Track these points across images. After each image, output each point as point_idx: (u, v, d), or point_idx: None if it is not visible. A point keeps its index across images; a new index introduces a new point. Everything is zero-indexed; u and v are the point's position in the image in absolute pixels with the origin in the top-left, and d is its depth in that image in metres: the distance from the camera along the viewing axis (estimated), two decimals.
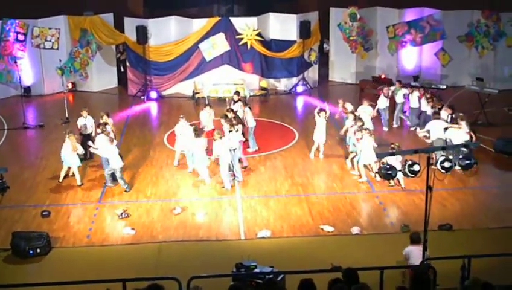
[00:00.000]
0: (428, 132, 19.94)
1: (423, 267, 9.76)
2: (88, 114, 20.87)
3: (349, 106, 21.80)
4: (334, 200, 18.02)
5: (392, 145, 17.71)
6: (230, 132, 19.24)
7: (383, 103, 23.24)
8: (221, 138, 18.59)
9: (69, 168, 19.08)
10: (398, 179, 18.00)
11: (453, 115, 20.67)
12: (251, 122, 21.44)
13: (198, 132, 19.17)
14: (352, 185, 18.91)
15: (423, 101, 22.79)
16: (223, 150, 18.49)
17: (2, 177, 12.77)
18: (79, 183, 18.95)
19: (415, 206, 17.07)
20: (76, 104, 26.90)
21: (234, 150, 19.04)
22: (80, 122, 20.75)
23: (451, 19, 28.28)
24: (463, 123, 19.31)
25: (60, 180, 19.11)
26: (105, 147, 18.57)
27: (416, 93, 23.26)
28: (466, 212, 17.17)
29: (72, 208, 17.81)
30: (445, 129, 19.56)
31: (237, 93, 23.77)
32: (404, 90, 23.60)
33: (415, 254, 12.67)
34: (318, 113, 20.71)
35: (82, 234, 16.28)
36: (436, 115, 20.47)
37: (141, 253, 15.33)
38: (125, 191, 18.61)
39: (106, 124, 19.87)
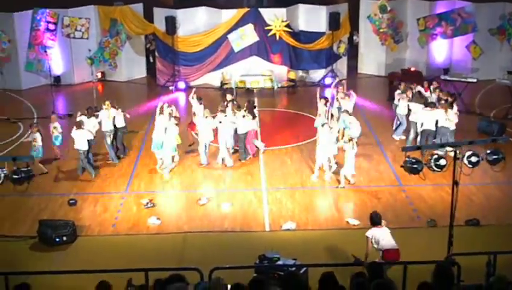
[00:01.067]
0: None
1: (447, 262, 9.65)
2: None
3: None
4: (360, 193, 17.92)
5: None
6: (243, 116, 19.72)
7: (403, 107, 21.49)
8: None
9: None
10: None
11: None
12: (242, 128, 20.04)
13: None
14: (379, 179, 18.80)
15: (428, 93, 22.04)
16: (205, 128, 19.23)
17: (28, 166, 12.86)
18: None
19: (442, 200, 16.86)
20: (105, 94, 27.04)
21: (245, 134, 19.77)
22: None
23: (483, 11, 27.86)
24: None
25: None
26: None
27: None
28: (494, 208, 16.98)
29: (99, 197, 17.92)
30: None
31: (230, 92, 23.39)
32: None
33: (379, 235, 12.73)
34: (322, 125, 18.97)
35: (108, 223, 16.41)
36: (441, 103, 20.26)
37: (166, 243, 15.40)
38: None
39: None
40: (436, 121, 19.79)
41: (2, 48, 27.57)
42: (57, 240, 15.18)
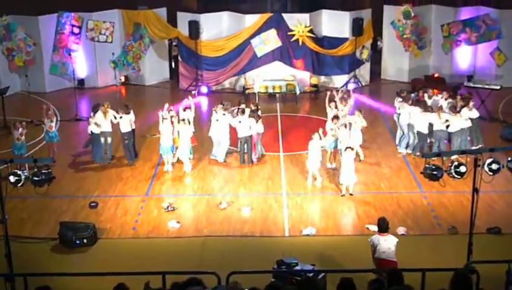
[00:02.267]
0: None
1: (466, 270, 9.57)
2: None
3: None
4: (381, 199, 17.86)
5: None
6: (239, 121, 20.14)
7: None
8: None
9: None
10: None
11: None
12: (241, 132, 20.31)
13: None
14: (400, 185, 18.72)
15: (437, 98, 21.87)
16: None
17: (49, 168, 12.95)
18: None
19: (463, 207, 16.71)
20: (129, 97, 27.19)
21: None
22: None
23: (508, 18, 27.62)
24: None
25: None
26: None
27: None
28: None
29: (120, 200, 18.04)
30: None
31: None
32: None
33: (378, 242, 12.59)
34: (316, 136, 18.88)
35: (128, 226, 16.51)
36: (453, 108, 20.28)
37: (185, 247, 15.45)
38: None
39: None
40: (432, 125, 20.02)
41: (27, 50, 27.81)
42: (77, 242, 15.29)
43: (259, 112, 20.99)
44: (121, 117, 20.05)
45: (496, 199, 17.45)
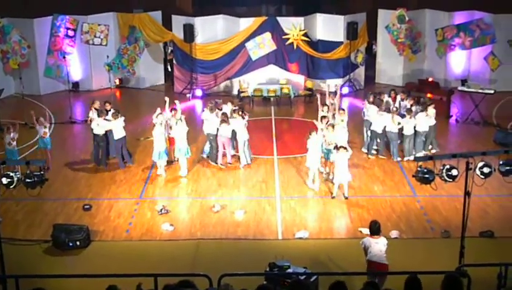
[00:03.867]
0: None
1: (457, 273, 9.59)
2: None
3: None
4: (374, 202, 17.88)
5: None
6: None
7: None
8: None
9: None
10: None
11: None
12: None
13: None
14: (394, 188, 18.75)
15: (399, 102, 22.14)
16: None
17: (41, 170, 12.96)
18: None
19: (456, 211, 16.67)
20: (123, 100, 27.21)
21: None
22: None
23: (502, 22, 27.73)
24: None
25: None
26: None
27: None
28: (509, 220, 16.82)
29: (114, 203, 18.03)
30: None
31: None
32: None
33: (369, 244, 12.59)
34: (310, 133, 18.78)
35: (122, 229, 16.50)
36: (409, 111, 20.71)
37: (179, 249, 15.46)
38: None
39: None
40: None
41: (22, 53, 27.82)
42: (70, 244, 15.29)
43: (245, 116, 20.66)
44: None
45: (490, 203, 17.48)
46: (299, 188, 18.82)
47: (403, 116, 20.67)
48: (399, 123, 20.33)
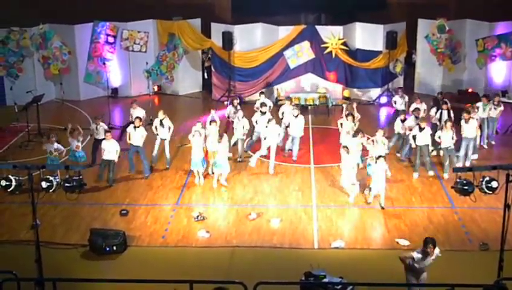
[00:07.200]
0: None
1: (495, 287, 9.45)
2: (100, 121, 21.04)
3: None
4: (411, 213, 17.71)
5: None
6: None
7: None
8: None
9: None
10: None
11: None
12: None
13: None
14: (432, 200, 18.55)
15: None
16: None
17: (80, 174, 13.09)
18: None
19: (495, 224, 16.43)
20: (161, 107, 27.30)
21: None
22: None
23: None
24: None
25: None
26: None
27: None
28: None
29: (150, 209, 18.12)
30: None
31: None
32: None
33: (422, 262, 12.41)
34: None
35: (158, 234, 16.56)
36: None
37: (214, 256, 15.46)
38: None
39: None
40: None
41: (63, 59, 28.18)
42: (107, 249, 15.40)
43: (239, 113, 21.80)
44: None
45: None
46: (335, 197, 18.73)
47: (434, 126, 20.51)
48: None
